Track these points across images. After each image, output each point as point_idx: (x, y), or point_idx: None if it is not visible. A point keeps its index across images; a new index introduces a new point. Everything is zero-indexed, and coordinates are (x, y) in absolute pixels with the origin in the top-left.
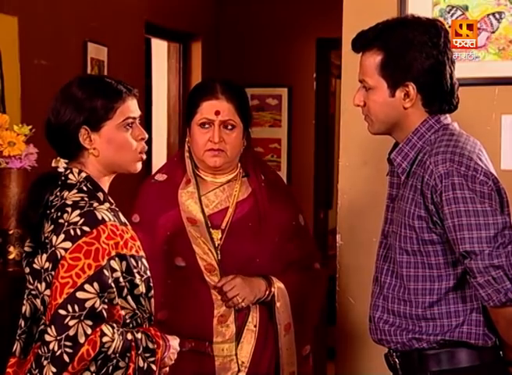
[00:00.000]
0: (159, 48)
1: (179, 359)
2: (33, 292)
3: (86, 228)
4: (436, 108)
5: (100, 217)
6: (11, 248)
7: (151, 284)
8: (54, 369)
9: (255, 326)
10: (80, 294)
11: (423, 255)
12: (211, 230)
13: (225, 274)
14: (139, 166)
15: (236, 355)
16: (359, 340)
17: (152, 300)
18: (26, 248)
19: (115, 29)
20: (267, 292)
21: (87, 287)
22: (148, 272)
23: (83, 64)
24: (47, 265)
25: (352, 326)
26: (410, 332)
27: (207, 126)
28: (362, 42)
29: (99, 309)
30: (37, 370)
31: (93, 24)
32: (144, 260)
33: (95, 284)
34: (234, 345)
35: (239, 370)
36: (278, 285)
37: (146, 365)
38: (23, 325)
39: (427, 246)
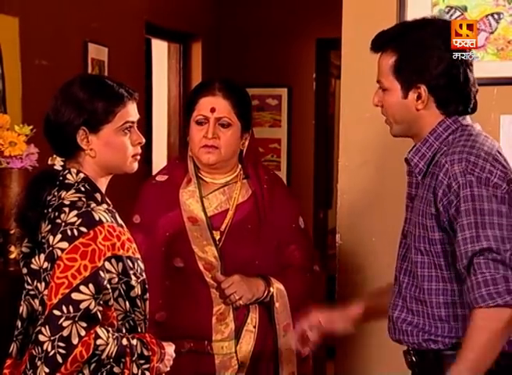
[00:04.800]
0: (159, 49)
1: (179, 361)
2: (32, 292)
3: (83, 229)
4: (452, 110)
5: (97, 218)
6: (12, 248)
7: (147, 286)
8: (46, 370)
9: (254, 327)
10: (75, 295)
11: (433, 255)
12: (212, 231)
13: (224, 275)
14: (135, 165)
15: (235, 352)
16: (358, 339)
17: (147, 302)
18: (24, 249)
19: (116, 29)
20: (265, 292)
21: (82, 288)
22: (144, 274)
23: (84, 64)
24: (45, 265)
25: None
26: (427, 333)
27: (203, 123)
28: (379, 43)
29: (94, 311)
30: (31, 371)
31: (93, 25)
32: (140, 262)
33: (90, 286)
34: (234, 343)
35: (239, 368)
36: (277, 286)
37: (140, 372)
38: (19, 326)
39: (436, 246)
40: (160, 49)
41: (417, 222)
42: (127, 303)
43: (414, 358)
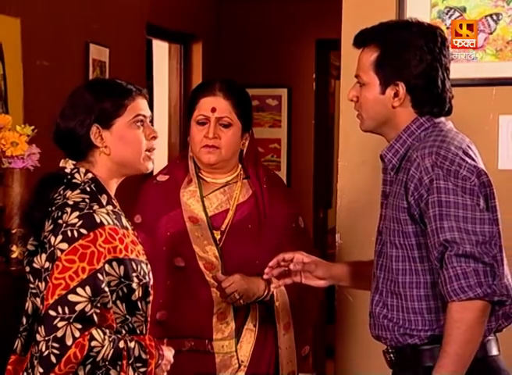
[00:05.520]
0: (160, 49)
1: (179, 360)
2: (34, 291)
3: (83, 230)
4: (426, 111)
5: (98, 220)
6: (14, 247)
7: (150, 289)
8: (41, 370)
9: (254, 326)
10: (71, 297)
11: (407, 248)
12: (213, 231)
13: (224, 275)
14: (150, 165)
15: (236, 351)
16: (358, 338)
17: (149, 304)
18: (29, 247)
19: (117, 30)
20: (266, 291)
21: (79, 290)
22: (147, 277)
23: (85, 65)
24: (47, 264)
25: (351, 324)
26: (402, 327)
27: (204, 123)
28: (362, 38)
29: (89, 313)
30: (30, 369)
31: (94, 26)
32: (143, 265)
33: (87, 288)
34: (234, 342)
35: (239, 367)
36: None
37: None
38: (24, 322)
39: (410, 239)
40: (161, 50)
41: (391, 216)
42: (126, 306)
43: (392, 357)
